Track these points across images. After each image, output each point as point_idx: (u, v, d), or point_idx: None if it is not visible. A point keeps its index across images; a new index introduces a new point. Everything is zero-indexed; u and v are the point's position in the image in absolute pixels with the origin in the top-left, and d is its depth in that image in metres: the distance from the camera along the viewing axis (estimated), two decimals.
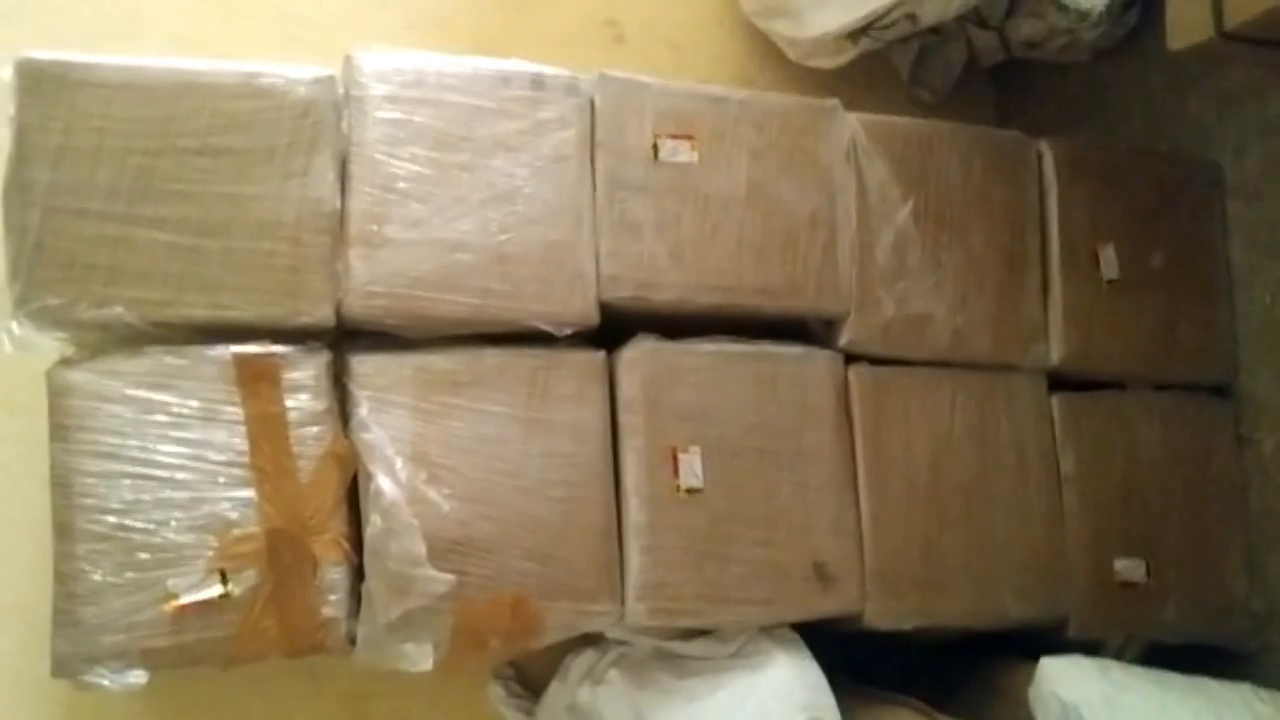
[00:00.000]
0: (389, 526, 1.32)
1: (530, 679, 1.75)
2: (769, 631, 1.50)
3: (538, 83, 1.51)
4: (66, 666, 1.25)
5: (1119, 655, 1.59)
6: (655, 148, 1.53)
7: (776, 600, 1.47)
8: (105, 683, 1.24)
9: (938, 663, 1.68)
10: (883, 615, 1.52)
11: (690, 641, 1.52)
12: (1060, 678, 1.36)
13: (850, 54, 2.06)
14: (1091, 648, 1.58)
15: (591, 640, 1.60)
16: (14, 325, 1.29)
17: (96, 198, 1.32)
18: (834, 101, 1.64)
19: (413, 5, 2.01)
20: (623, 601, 1.43)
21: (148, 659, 1.26)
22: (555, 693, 1.63)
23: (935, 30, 2.14)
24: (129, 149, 1.34)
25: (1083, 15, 1.91)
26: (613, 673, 1.53)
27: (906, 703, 1.49)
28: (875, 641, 1.63)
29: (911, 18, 1.96)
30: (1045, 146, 1.72)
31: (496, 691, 1.73)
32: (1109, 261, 1.70)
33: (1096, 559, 1.62)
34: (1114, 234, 1.71)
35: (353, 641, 1.34)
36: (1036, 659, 1.48)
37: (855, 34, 2.00)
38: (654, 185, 1.52)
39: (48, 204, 1.31)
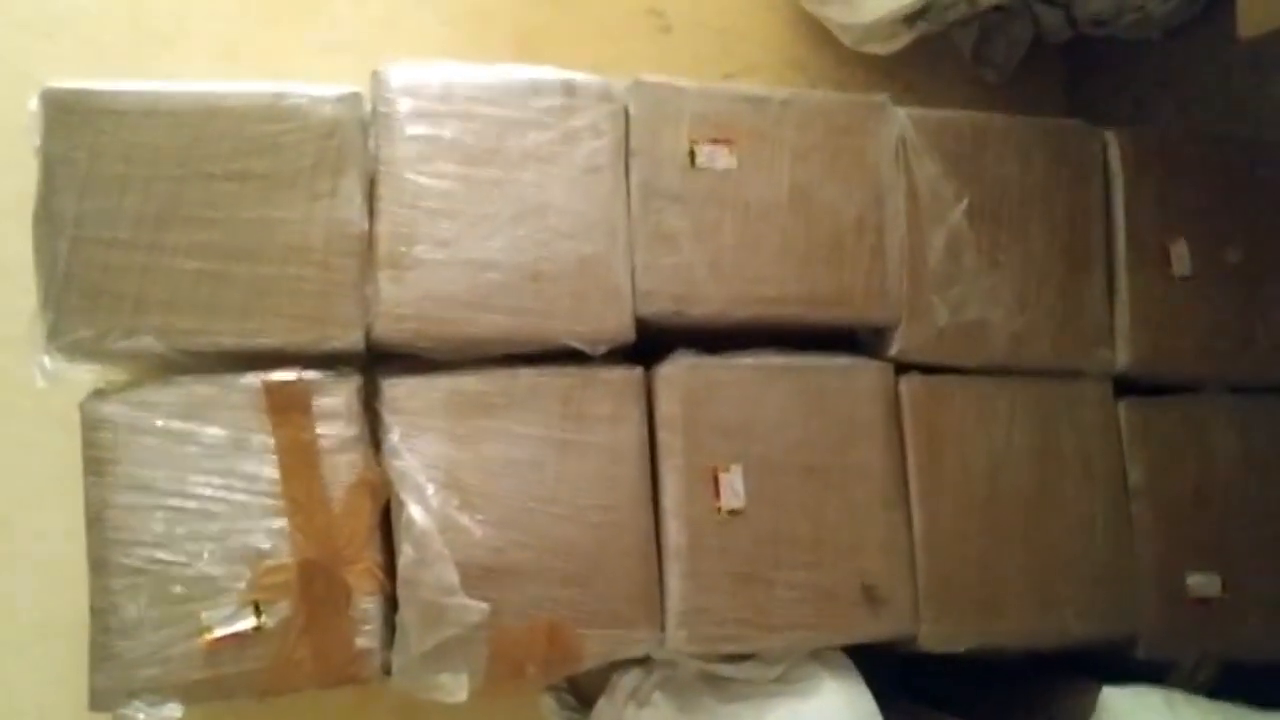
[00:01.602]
0: (421, 556, 1.30)
1: (582, 690, 1.73)
2: (817, 654, 1.45)
3: (569, 90, 1.46)
4: (104, 700, 1.25)
5: (1192, 676, 1.52)
6: (692, 154, 1.47)
7: (824, 625, 1.42)
8: (142, 717, 1.24)
9: (999, 683, 1.61)
10: (937, 638, 1.46)
11: (736, 664, 1.47)
12: (1123, 710, 1.29)
13: (906, 39, 1.97)
14: (1162, 668, 1.50)
15: (639, 659, 1.57)
16: (46, 360, 1.29)
17: (123, 226, 1.31)
18: (882, 97, 1.56)
19: (452, 2, 1.97)
20: (663, 628, 1.39)
21: (183, 692, 1.26)
22: (603, 710, 1.60)
23: (999, 7, 2.04)
24: (154, 176, 1.33)
25: None
26: (657, 695, 1.49)
27: None
28: (933, 660, 1.56)
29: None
30: (1110, 136, 1.62)
31: (548, 703, 1.72)
32: (1180, 257, 1.60)
33: (1167, 574, 1.53)
34: (1185, 228, 1.61)
35: (388, 671, 1.32)
36: (1102, 681, 1.41)
37: (912, 17, 1.91)
38: (691, 193, 1.46)
39: (75, 234, 1.30)
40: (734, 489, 1.42)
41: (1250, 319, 1.62)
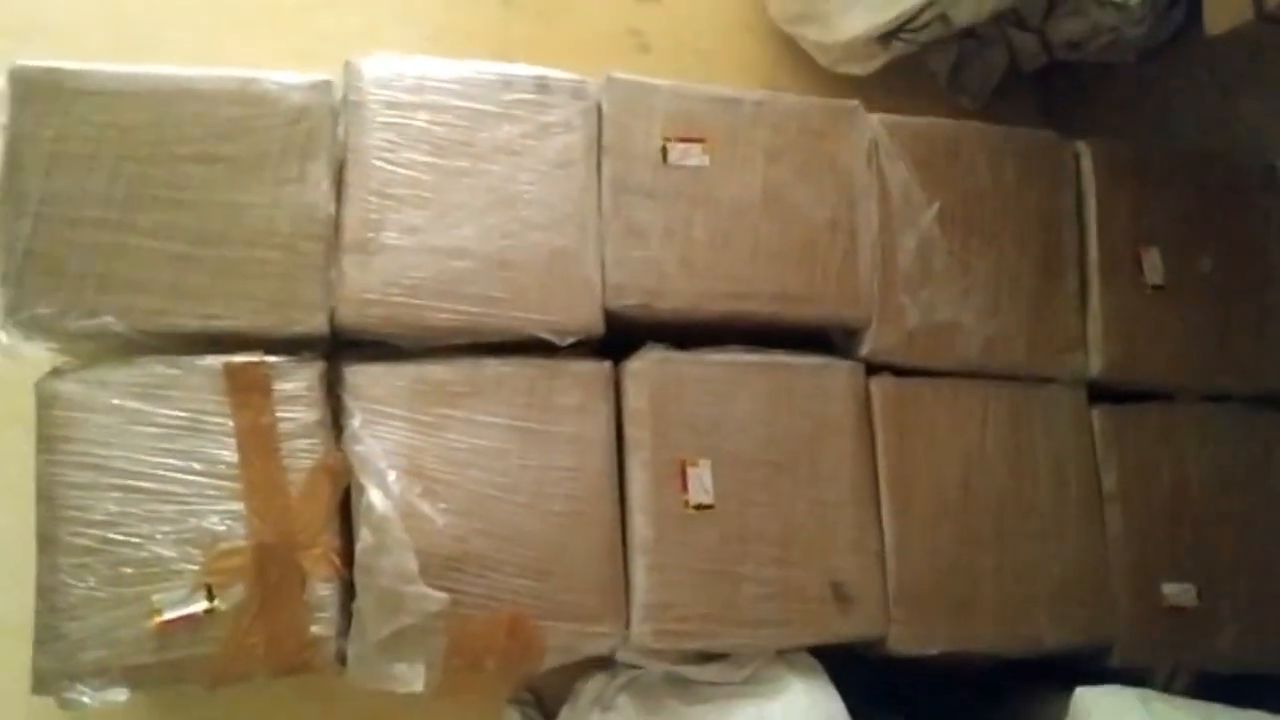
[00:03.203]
0: (380, 542, 1.27)
1: (547, 705, 1.69)
2: (785, 656, 1.42)
3: (542, 86, 1.47)
4: (47, 683, 1.21)
5: (1167, 685, 1.49)
6: (664, 151, 1.47)
7: (792, 622, 1.39)
8: (86, 700, 1.20)
9: (971, 694, 1.58)
10: (907, 639, 1.43)
11: (703, 666, 1.44)
12: (1097, 708, 1.26)
13: (882, 59, 1.99)
14: (1137, 677, 1.47)
15: (603, 665, 1.53)
16: (2, 334, 1.27)
17: (89, 206, 1.30)
18: (854, 103, 1.57)
19: (434, 18, 1.99)
20: (627, 623, 1.36)
21: (130, 676, 1.22)
22: (565, 719, 1.56)
23: (973, 34, 2.06)
24: (122, 156, 1.32)
25: (1123, 8, 1.82)
26: (622, 698, 1.45)
27: None
28: (904, 672, 1.53)
29: (944, 19, 1.88)
30: (1083, 147, 1.63)
31: (512, 717, 1.67)
32: (1153, 266, 1.60)
33: (1142, 582, 1.51)
34: (1158, 237, 1.61)
35: (343, 660, 1.29)
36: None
37: (886, 38, 1.93)
38: (662, 190, 1.46)
39: (39, 212, 1.29)
40: (702, 484, 1.39)
41: (1224, 328, 1.61)
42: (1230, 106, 1.80)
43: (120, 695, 1.22)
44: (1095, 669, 1.49)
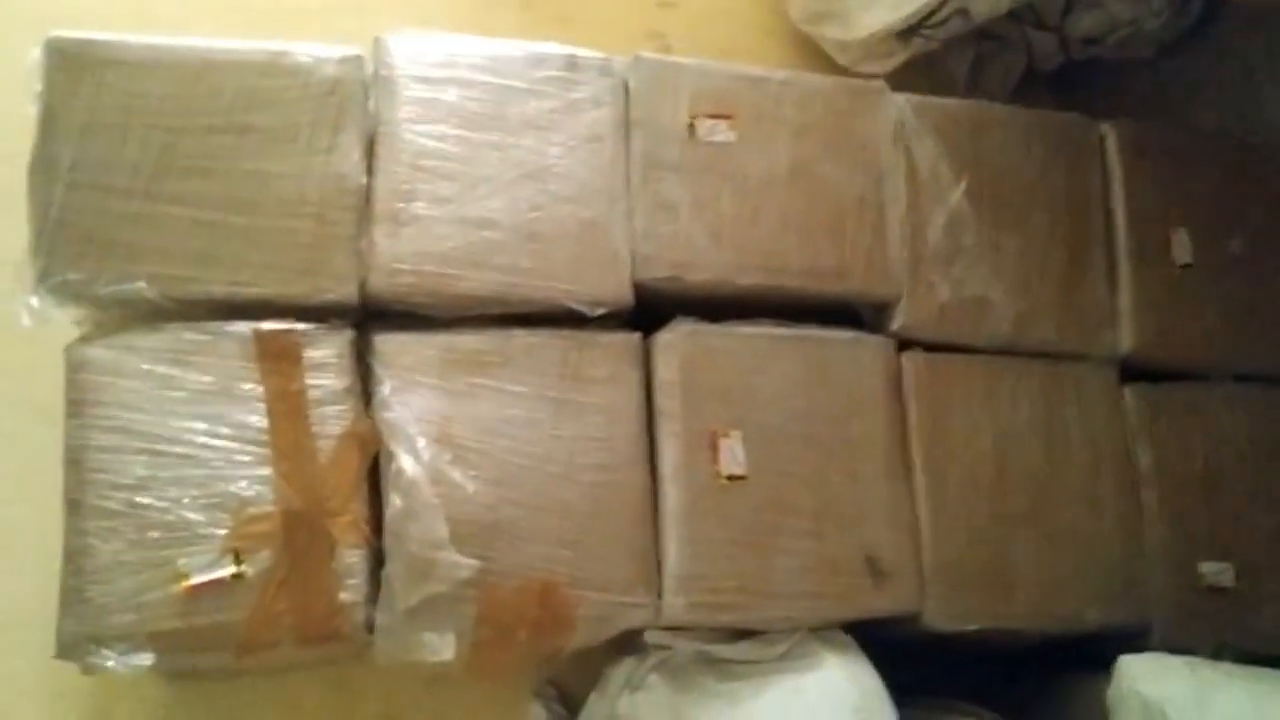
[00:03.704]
0: (410, 506, 1.25)
1: (572, 700, 1.65)
2: (819, 634, 1.39)
3: (571, 64, 1.48)
4: (71, 648, 1.19)
5: None
6: (692, 127, 1.48)
7: (826, 595, 1.37)
8: (111, 664, 1.18)
9: (1006, 679, 1.54)
10: (942, 615, 1.40)
11: (734, 644, 1.41)
12: (1143, 674, 1.23)
13: (902, 56, 2.00)
14: None
15: (631, 649, 1.50)
16: (33, 300, 1.26)
17: (120, 174, 1.30)
18: (880, 83, 1.57)
19: (454, 22, 2.00)
20: (660, 595, 1.34)
21: (156, 642, 1.19)
22: (594, 705, 1.53)
23: (990, 36, 2.08)
24: (153, 126, 1.32)
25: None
26: (652, 678, 1.42)
27: (977, 714, 1.36)
28: (938, 657, 1.50)
29: (963, 13, 1.90)
30: (1108, 129, 1.64)
31: (537, 712, 1.63)
32: (1181, 245, 1.59)
33: (1179, 562, 1.49)
34: (1186, 218, 1.61)
35: (371, 629, 1.26)
36: None
37: (906, 34, 1.94)
38: (691, 164, 1.46)
39: (71, 180, 1.29)
40: (734, 455, 1.38)
41: (1256, 307, 1.60)
42: (1253, 97, 1.80)
43: (145, 660, 1.19)
44: (1135, 650, 1.45)
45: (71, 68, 1.31)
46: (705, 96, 1.49)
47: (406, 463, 1.27)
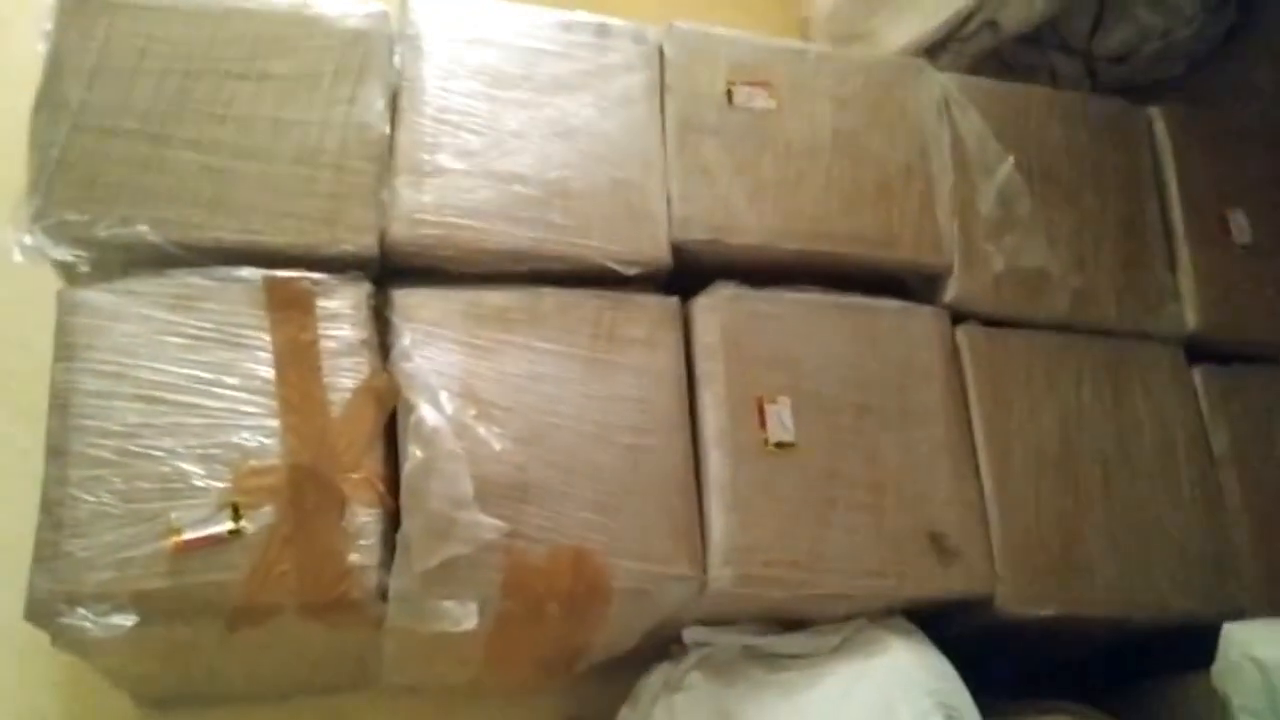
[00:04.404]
0: (431, 458, 1.13)
1: None
2: (882, 622, 1.25)
3: (602, 30, 1.43)
4: (43, 607, 1.04)
5: None
6: (729, 93, 1.42)
7: (888, 574, 1.23)
8: (87, 625, 1.03)
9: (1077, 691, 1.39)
10: (1017, 599, 1.26)
11: (786, 636, 1.27)
12: (1255, 639, 1.09)
13: None
14: None
15: (665, 655, 1.36)
16: (26, 237, 1.17)
17: (129, 118, 1.23)
18: (921, 59, 1.52)
19: None
20: (705, 569, 1.20)
21: (140, 601, 1.05)
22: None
23: (1013, 65, 2.05)
24: (168, 70, 1.26)
25: (1174, 8, 1.80)
26: (693, 675, 1.27)
27: (1067, 708, 1.21)
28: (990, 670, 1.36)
29: (993, 25, 1.87)
30: (1156, 113, 1.59)
31: None
32: (1240, 226, 1.52)
33: (1269, 548, 1.35)
34: (1242, 199, 1.54)
35: (384, 596, 1.12)
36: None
37: (935, 48, 1.91)
38: (729, 129, 1.40)
39: (77, 122, 1.22)
40: (782, 421, 1.26)
41: None
42: None
43: (126, 621, 1.04)
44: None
45: (85, 8, 1.26)
46: (742, 65, 1.44)
47: (428, 412, 1.15)
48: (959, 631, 1.29)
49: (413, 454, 1.14)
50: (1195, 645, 1.25)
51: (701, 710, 1.24)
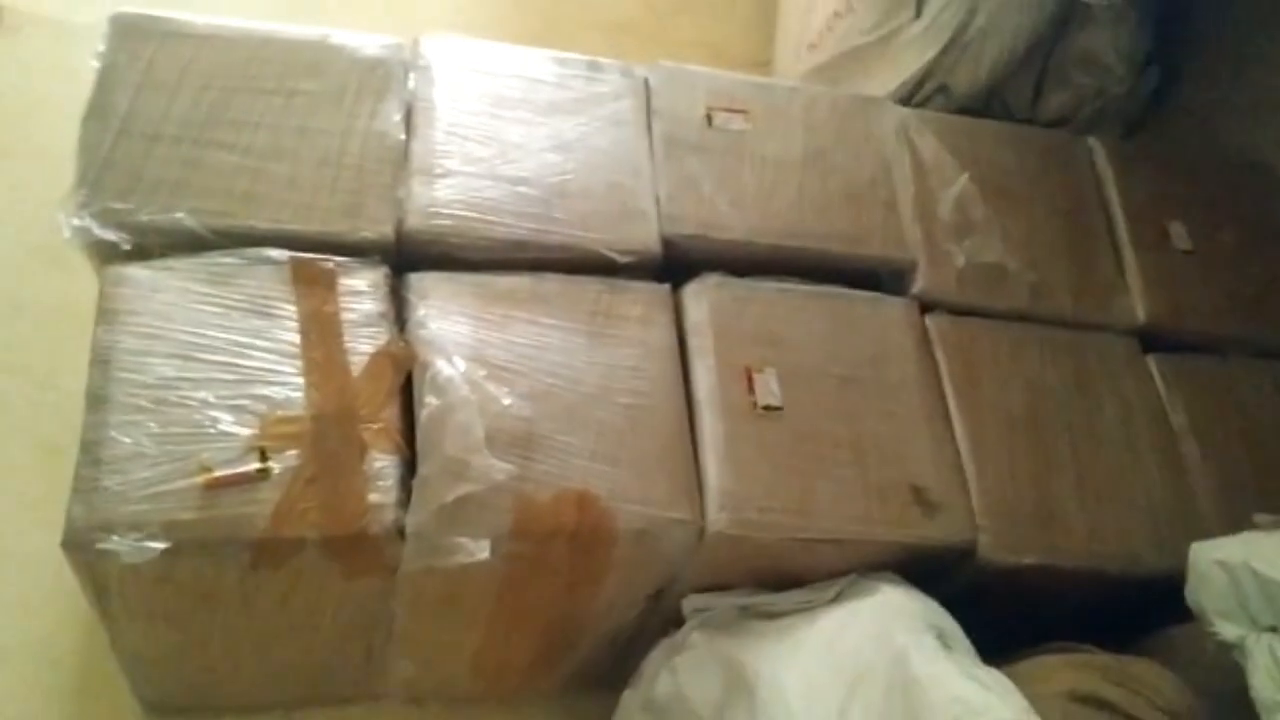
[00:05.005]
0: (445, 404, 1.22)
1: None
2: (873, 574, 1.31)
3: (593, 66, 1.59)
4: (79, 535, 1.10)
5: None
6: (709, 118, 1.57)
7: (876, 519, 1.30)
8: (121, 550, 1.09)
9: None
10: (998, 548, 1.33)
11: (782, 594, 1.32)
12: (1217, 546, 1.16)
13: None
14: None
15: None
16: (74, 219, 1.28)
17: (170, 125, 1.37)
18: (882, 96, 1.69)
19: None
20: (702, 514, 1.27)
21: (171, 531, 1.11)
22: (627, 701, 1.41)
23: None
24: (206, 86, 1.41)
25: (1106, 69, 2.00)
26: (695, 636, 1.32)
27: (1066, 646, 1.27)
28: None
29: (944, 90, 2.06)
30: (1094, 142, 1.75)
31: None
32: (1179, 234, 1.66)
33: (1231, 512, 1.43)
34: (1179, 213, 1.69)
35: (401, 534, 1.18)
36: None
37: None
38: (711, 146, 1.55)
39: (123, 128, 1.35)
40: (770, 388, 1.36)
41: (1260, 290, 1.64)
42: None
43: (157, 547, 1.10)
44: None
45: (134, 35, 1.42)
46: (720, 94, 1.60)
47: (442, 365, 1.24)
48: (943, 599, 1.35)
49: (429, 402, 1.22)
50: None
51: (704, 664, 1.28)
